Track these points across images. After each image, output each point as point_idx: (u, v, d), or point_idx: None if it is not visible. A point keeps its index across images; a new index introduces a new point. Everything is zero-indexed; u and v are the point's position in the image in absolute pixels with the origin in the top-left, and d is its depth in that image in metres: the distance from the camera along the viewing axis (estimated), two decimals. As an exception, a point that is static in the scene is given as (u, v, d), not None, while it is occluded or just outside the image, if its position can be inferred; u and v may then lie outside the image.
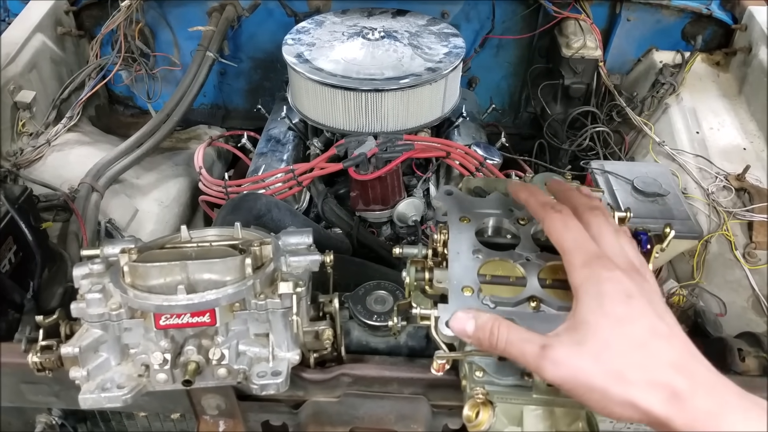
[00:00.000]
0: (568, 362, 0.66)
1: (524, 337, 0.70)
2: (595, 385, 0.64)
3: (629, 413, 0.63)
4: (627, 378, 0.63)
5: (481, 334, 0.73)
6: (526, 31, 2.32)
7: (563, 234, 0.75)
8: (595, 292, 0.68)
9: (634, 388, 0.62)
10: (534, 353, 0.68)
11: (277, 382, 0.86)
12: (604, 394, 0.63)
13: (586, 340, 0.66)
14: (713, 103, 1.99)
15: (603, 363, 0.64)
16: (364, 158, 1.69)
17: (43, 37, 2.12)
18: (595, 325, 0.66)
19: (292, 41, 1.91)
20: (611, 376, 0.63)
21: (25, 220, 1.46)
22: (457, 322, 0.75)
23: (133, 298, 0.82)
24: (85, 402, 0.84)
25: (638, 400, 0.62)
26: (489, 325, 0.72)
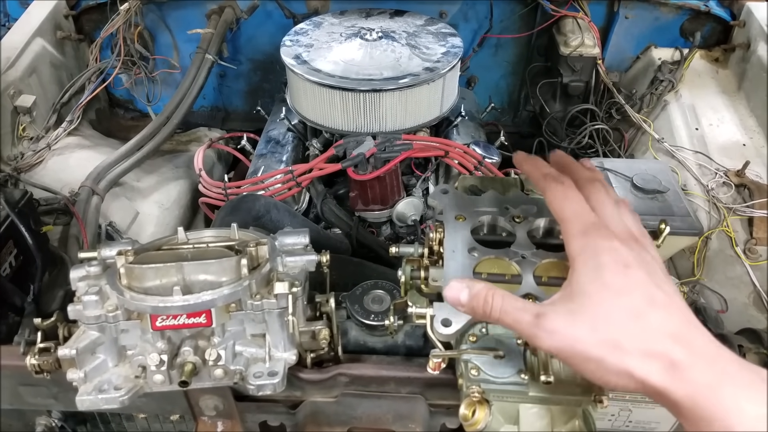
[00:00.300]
0: (563, 331, 0.65)
1: (518, 306, 0.70)
2: (590, 355, 0.63)
3: (625, 382, 0.63)
4: (623, 347, 0.62)
5: (475, 302, 0.72)
6: (524, 29, 2.32)
7: (563, 204, 0.75)
8: (593, 262, 0.68)
9: (631, 358, 0.62)
10: (528, 322, 0.68)
11: (274, 382, 0.86)
12: (600, 363, 0.63)
13: (583, 310, 0.66)
14: (712, 99, 1.99)
15: (599, 332, 0.64)
16: (362, 158, 1.69)
17: (43, 41, 2.13)
18: (591, 295, 0.66)
19: (290, 42, 1.91)
20: (607, 346, 0.63)
21: (25, 224, 1.47)
22: (451, 291, 0.74)
23: (130, 300, 0.83)
24: (82, 404, 0.84)
25: (634, 370, 0.61)
26: (483, 294, 0.72)
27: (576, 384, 0.79)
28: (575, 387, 0.79)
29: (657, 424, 1.00)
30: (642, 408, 0.97)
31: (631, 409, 0.97)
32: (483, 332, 0.84)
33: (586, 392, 0.78)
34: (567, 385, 0.79)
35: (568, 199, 0.75)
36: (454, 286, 0.74)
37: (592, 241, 0.69)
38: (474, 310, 0.73)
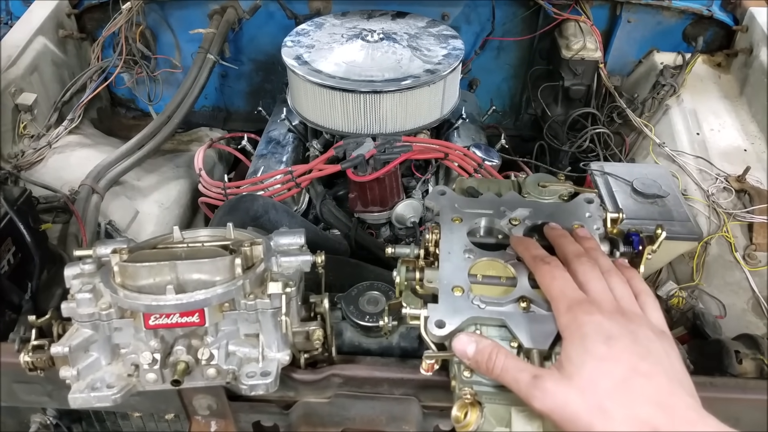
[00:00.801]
0: (556, 393, 0.70)
1: (519, 366, 0.75)
2: (580, 419, 0.67)
3: None
4: (610, 414, 0.66)
5: (479, 357, 0.77)
6: (526, 32, 2.31)
7: (551, 283, 0.81)
8: (578, 334, 0.73)
9: (617, 424, 0.65)
10: (526, 382, 0.72)
11: (267, 382, 0.86)
12: (589, 428, 0.66)
13: (573, 376, 0.70)
14: (714, 104, 1.98)
15: (588, 398, 0.68)
16: (362, 160, 1.69)
17: (45, 39, 2.14)
18: (579, 363, 0.70)
19: (291, 43, 1.92)
20: (595, 411, 0.67)
21: (23, 222, 1.47)
22: (459, 343, 0.79)
23: (123, 298, 0.82)
24: (75, 401, 0.84)
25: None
26: (488, 351, 0.77)
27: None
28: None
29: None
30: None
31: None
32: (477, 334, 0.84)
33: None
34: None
35: (555, 278, 0.81)
36: (463, 339, 0.79)
37: (577, 317, 0.75)
38: (478, 365, 0.78)
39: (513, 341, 0.82)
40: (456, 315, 0.83)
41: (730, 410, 0.97)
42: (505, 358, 0.75)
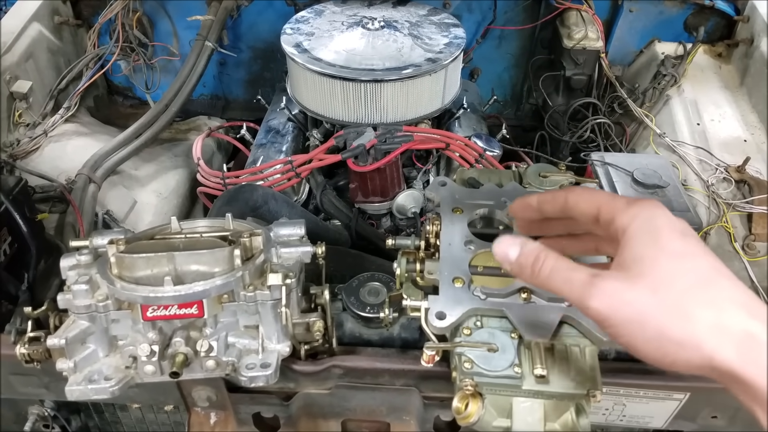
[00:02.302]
0: (621, 291, 0.59)
1: (572, 266, 0.64)
2: (651, 320, 0.57)
3: (687, 356, 0.56)
4: (691, 315, 0.56)
5: (524, 260, 0.66)
6: (528, 22, 2.29)
7: (593, 195, 0.68)
8: (648, 228, 0.61)
9: (700, 327, 0.55)
10: (582, 280, 0.61)
11: (266, 374, 0.85)
12: (661, 330, 0.56)
13: (642, 274, 0.59)
14: (715, 94, 1.97)
15: (661, 296, 0.57)
16: (362, 149, 1.67)
17: (40, 26, 2.11)
18: (651, 261, 0.59)
19: (290, 31, 1.90)
20: (672, 312, 0.56)
21: (19, 212, 1.45)
22: (500, 246, 0.68)
23: (120, 290, 0.82)
24: (72, 394, 0.83)
25: (704, 341, 0.54)
26: (535, 253, 0.66)
27: (569, 378, 0.78)
28: (569, 381, 0.78)
29: (651, 419, 0.99)
30: (636, 402, 0.96)
31: (625, 403, 0.96)
32: (477, 325, 0.83)
33: (580, 386, 0.78)
34: (560, 379, 0.78)
35: (594, 191, 0.70)
36: (506, 240, 0.68)
37: (646, 209, 0.63)
38: (521, 269, 0.67)
39: (514, 332, 0.82)
40: (457, 306, 0.82)
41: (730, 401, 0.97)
42: (555, 261, 0.65)
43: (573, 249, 0.78)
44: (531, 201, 0.76)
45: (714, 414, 0.99)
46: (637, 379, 0.94)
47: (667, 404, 0.97)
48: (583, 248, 0.78)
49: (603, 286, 0.60)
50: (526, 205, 0.77)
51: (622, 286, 0.59)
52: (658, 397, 0.95)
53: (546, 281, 0.65)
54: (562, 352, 0.80)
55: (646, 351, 0.58)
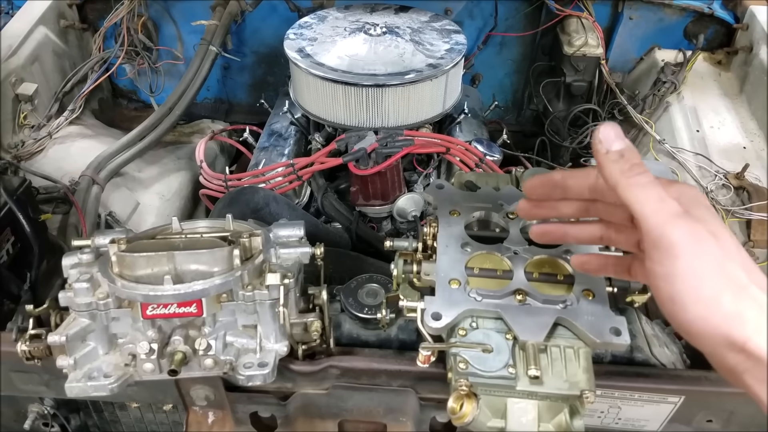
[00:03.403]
0: (703, 240, 0.60)
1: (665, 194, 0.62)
2: (712, 282, 0.59)
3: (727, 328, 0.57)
4: (745, 293, 0.58)
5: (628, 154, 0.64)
6: (529, 28, 2.31)
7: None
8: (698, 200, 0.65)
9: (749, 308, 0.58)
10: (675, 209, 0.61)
11: (264, 373, 0.86)
12: (718, 296, 0.58)
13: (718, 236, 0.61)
14: (714, 101, 1.98)
15: (729, 265, 0.59)
16: (364, 153, 1.69)
17: (46, 29, 2.13)
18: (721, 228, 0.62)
19: (294, 36, 1.91)
20: (731, 282, 0.59)
21: (23, 212, 1.47)
22: (607, 130, 0.65)
23: (121, 288, 0.83)
24: (71, 390, 0.84)
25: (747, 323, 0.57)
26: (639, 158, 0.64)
27: (563, 379, 0.79)
28: (562, 382, 0.79)
29: (646, 422, 1.00)
30: (631, 405, 0.97)
31: (620, 406, 0.97)
32: (473, 326, 0.84)
33: (573, 387, 0.79)
34: (554, 380, 0.79)
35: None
36: (614, 129, 0.65)
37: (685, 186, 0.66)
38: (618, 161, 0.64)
39: (508, 333, 0.82)
40: (452, 307, 0.83)
41: (725, 404, 0.98)
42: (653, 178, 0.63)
43: (576, 235, 0.78)
44: (554, 176, 0.75)
45: (709, 418, 1.00)
46: (632, 382, 0.94)
47: (662, 407, 0.97)
48: (588, 235, 0.77)
49: (694, 226, 0.60)
50: (546, 181, 0.75)
51: (707, 236, 0.60)
52: (653, 400, 0.95)
53: (637, 189, 0.62)
54: (557, 353, 0.81)
55: (688, 310, 0.59)
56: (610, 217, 0.73)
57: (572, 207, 0.76)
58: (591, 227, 0.76)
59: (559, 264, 0.89)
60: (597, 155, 0.65)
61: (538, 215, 0.79)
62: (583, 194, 0.73)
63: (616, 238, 0.74)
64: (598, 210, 0.74)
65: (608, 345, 0.80)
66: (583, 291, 0.85)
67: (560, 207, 0.76)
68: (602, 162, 0.65)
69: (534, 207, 0.78)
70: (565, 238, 0.78)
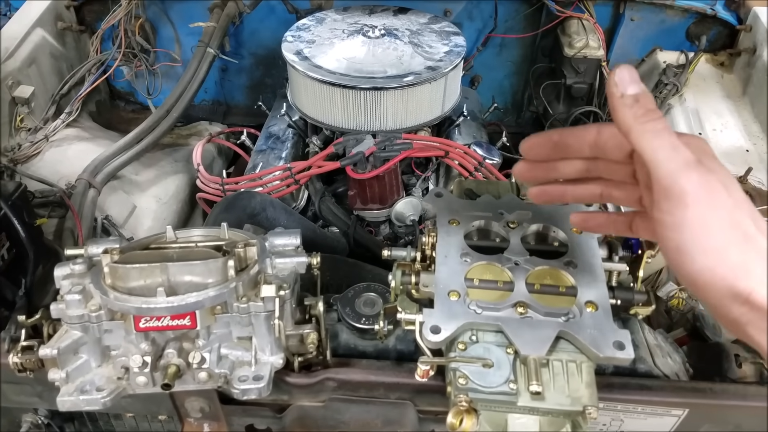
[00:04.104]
0: (713, 188, 0.58)
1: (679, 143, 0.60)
2: (720, 231, 0.58)
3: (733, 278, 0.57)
4: (752, 244, 0.57)
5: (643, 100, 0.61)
6: (529, 30, 2.29)
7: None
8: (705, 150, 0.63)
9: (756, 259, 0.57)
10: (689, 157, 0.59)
11: (259, 387, 0.84)
12: (726, 247, 0.57)
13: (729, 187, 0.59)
14: (717, 104, 1.96)
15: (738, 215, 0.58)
16: (361, 157, 1.67)
17: (43, 32, 2.12)
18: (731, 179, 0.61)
19: (291, 38, 1.90)
20: (740, 234, 0.58)
21: (18, 217, 1.46)
22: (622, 72, 0.62)
23: (113, 300, 0.81)
24: (63, 404, 0.83)
25: (753, 274, 0.56)
26: (654, 105, 0.61)
27: (566, 395, 0.77)
28: (565, 398, 0.77)
29: (649, 437, 0.98)
30: (634, 418, 0.95)
31: (623, 419, 0.95)
32: (473, 339, 0.82)
33: (576, 403, 0.77)
34: (556, 395, 0.77)
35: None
36: (629, 71, 0.63)
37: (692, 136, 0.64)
38: (633, 106, 0.61)
39: (509, 347, 0.81)
40: (452, 320, 0.82)
41: (730, 417, 0.96)
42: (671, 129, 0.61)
43: (575, 194, 0.76)
44: (552, 135, 0.73)
45: (713, 430, 0.98)
46: (635, 394, 0.93)
47: (665, 420, 0.96)
48: (589, 194, 0.75)
49: (707, 176, 0.58)
50: (545, 140, 0.73)
51: (720, 187, 0.58)
52: (657, 413, 0.94)
53: (651, 135, 0.60)
54: (559, 367, 0.79)
55: (695, 260, 0.58)
56: (612, 175, 0.72)
57: (572, 166, 0.73)
58: (591, 185, 0.74)
59: (562, 275, 0.87)
60: (611, 98, 0.63)
61: (537, 177, 0.76)
62: (584, 152, 0.71)
63: (617, 195, 0.72)
64: (599, 168, 0.72)
65: (611, 360, 0.78)
66: (586, 303, 0.83)
67: (560, 167, 0.74)
68: (616, 106, 0.62)
69: (532, 168, 0.76)
70: (564, 197, 0.76)
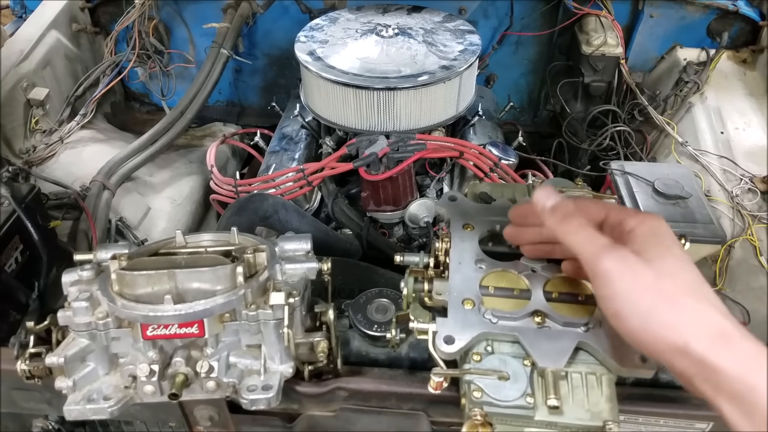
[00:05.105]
0: (632, 264, 0.67)
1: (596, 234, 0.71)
2: (646, 297, 0.65)
3: (667, 336, 0.63)
4: (682, 306, 0.64)
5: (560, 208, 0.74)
6: (545, 27, 2.26)
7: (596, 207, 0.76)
8: (656, 232, 0.70)
9: (685, 315, 0.63)
10: (604, 242, 0.69)
11: (268, 396, 0.82)
12: (653, 309, 0.64)
13: (652, 261, 0.67)
14: (739, 102, 1.92)
15: (663, 284, 0.65)
16: (375, 158, 1.65)
17: (58, 34, 2.12)
18: (659, 254, 0.67)
19: (305, 38, 1.88)
20: (667, 298, 0.64)
21: (31, 219, 1.45)
22: (541, 192, 0.77)
23: (120, 308, 0.80)
24: (70, 414, 0.81)
25: (684, 327, 0.62)
26: (571, 207, 0.74)
27: (585, 409, 0.74)
28: (584, 412, 0.74)
29: (671, 450, 0.95)
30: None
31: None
32: (488, 350, 0.80)
33: (595, 417, 0.74)
34: (575, 409, 0.74)
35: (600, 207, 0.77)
36: (548, 189, 0.77)
37: (648, 219, 0.71)
38: (552, 213, 0.75)
39: (526, 359, 0.78)
40: (466, 330, 0.79)
41: None
42: (586, 223, 0.72)
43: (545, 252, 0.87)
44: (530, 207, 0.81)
45: (738, 443, 0.95)
46: (658, 407, 0.89)
47: (687, 432, 0.93)
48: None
49: (621, 253, 0.68)
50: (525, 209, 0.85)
51: (636, 260, 0.67)
52: (679, 426, 0.90)
53: (570, 233, 0.72)
54: (578, 380, 0.76)
55: (629, 322, 0.66)
56: None
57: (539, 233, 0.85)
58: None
59: (581, 283, 0.84)
60: (538, 212, 0.77)
61: (524, 240, 0.88)
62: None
63: None
64: None
65: (633, 372, 0.75)
66: (605, 312, 0.80)
67: (542, 231, 0.83)
68: (542, 216, 0.76)
69: (519, 233, 0.87)
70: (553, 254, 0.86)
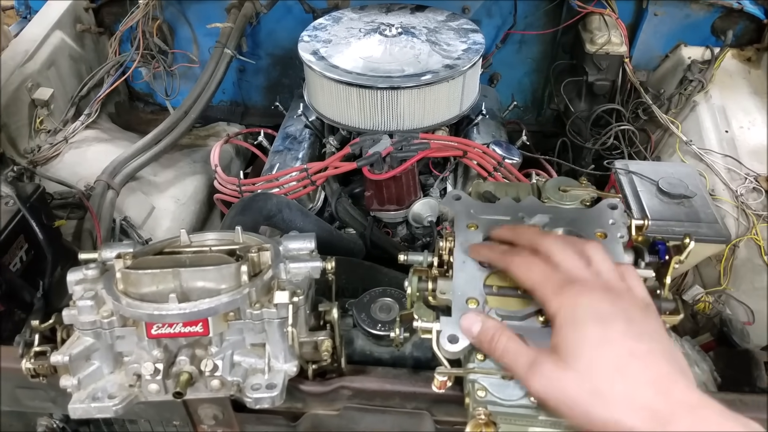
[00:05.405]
0: (553, 378, 0.68)
1: (519, 350, 0.73)
2: (578, 404, 0.66)
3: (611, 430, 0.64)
4: (609, 398, 0.65)
5: (483, 337, 0.76)
6: (549, 26, 2.25)
7: (528, 273, 0.77)
8: (571, 319, 0.70)
9: (617, 409, 0.64)
10: (525, 364, 0.71)
11: (272, 395, 0.83)
12: (587, 413, 0.65)
13: (570, 361, 0.68)
14: (744, 100, 1.91)
15: (586, 383, 0.66)
16: (378, 157, 1.65)
17: (62, 34, 2.13)
18: (575, 348, 0.68)
19: (308, 38, 1.88)
20: (594, 396, 0.65)
21: (36, 219, 1.46)
22: (466, 320, 0.78)
23: (125, 307, 0.80)
24: (75, 412, 0.82)
25: (621, 420, 0.63)
26: (491, 332, 0.76)
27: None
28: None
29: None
30: None
31: None
32: (492, 349, 0.80)
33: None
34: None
35: (531, 265, 0.77)
36: (470, 317, 0.78)
37: (566, 300, 0.72)
38: (480, 344, 0.77)
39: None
40: (470, 329, 0.79)
41: (761, 430, 0.92)
42: (507, 341, 0.74)
43: None
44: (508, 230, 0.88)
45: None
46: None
47: None
48: None
49: (541, 371, 0.69)
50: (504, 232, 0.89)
51: (556, 370, 0.68)
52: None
53: (499, 357, 0.75)
54: (580, 378, 0.76)
55: (579, 426, 0.67)
56: None
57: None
58: None
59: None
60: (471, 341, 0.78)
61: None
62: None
63: None
64: None
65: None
66: (609, 310, 0.80)
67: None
68: (475, 344, 0.78)
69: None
70: None
